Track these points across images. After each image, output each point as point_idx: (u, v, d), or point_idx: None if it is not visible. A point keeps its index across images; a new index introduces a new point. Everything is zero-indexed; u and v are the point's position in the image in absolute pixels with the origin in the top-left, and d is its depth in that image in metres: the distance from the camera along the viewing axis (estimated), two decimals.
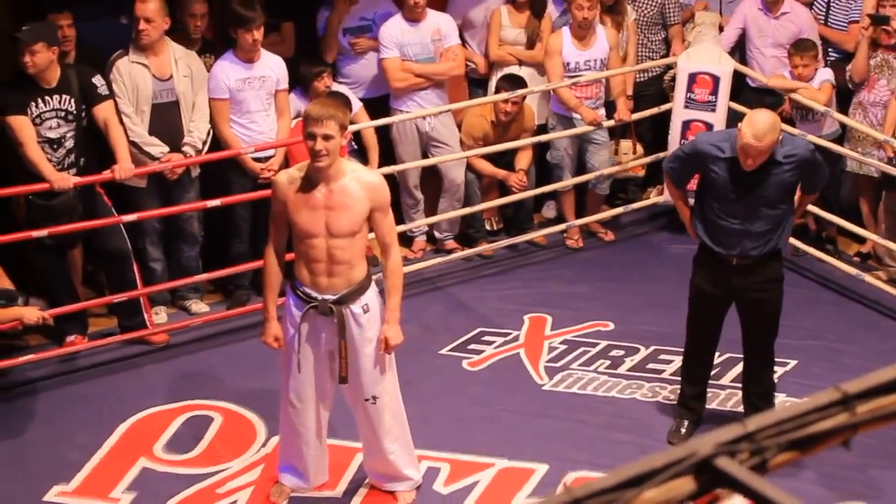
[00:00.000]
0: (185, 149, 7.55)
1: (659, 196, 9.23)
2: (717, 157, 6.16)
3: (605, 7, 8.76)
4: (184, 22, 7.76)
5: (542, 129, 8.88)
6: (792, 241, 7.65)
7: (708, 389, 6.88)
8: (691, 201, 6.55)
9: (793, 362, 7.32)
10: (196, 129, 7.61)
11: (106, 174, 7.21)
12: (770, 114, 6.25)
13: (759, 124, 5.92)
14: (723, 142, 6.21)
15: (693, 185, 6.51)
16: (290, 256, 5.87)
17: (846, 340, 7.71)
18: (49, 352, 7.44)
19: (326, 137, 5.37)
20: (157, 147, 7.48)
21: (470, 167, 8.74)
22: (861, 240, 8.75)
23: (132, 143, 7.37)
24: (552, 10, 8.92)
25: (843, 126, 8.46)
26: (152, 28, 7.34)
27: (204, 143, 7.63)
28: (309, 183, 5.54)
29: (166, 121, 7.54)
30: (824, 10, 8.96)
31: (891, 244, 8.36)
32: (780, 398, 6.76)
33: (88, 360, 7.53)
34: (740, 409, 6.85)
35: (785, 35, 8.75)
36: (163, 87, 7.50)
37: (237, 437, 6.80)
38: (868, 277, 8.33)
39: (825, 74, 8.38)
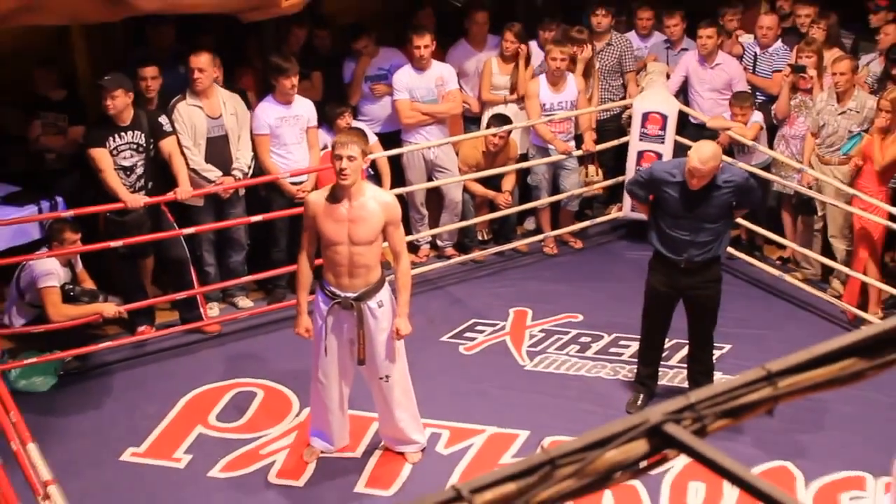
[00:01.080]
0: (233, 173, 7.56)
1: (619, 212, 9.23)
2: (669, 181, 6.19)
3: (576, 60, 8.75)
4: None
5: (524, 157, 8.86)
6: (728, 248, 7.62)
7: (659, 369, 6.88)
8: None
9: (728, 346, 7.31)
10: (242, 157, 7.61)
11: (169, 195, 7.23)
12: (713, 144, 6.32)
13: (704, 152, 6.00)
14: (674, 168, 6.25)
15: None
16: (318, 262, 5.87)
17: (770, 328, 7.71)
18: (123, 339, 7.46)
19: (350, 158, 5.42)
20: (212, 172, 7.49)
21: (465, 188, 8.74)
22: (782, 247, 8.74)
23: (192, 170, 7.38)
24: (537, 57, 8.89)
25: None
26: (205, 76, 7.36)
27: (248, 167, 7.63)
28: (334, 200, 5.56)
29: (218, 151, 7.54)
30: (752, 61, 8.95)
31: (805, 251, 8.39)
32: (717, 375, 6.74)
33: (155, 346, 7.54)
34: (685, 384, 6.84)
35: (719, 82, 8.76)
36: (214, 124, 7.50)
37: (276, 408, 6.79)
38: (788, 277, 8.36)
39: (756, 117, 8.40)
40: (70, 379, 7.09)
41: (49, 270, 6.81)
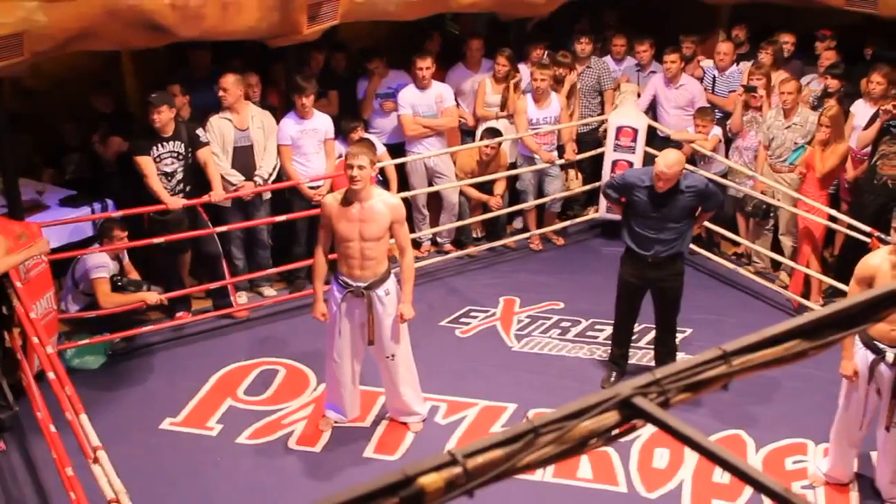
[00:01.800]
0: (254, 179, 7.54)
1: (595, 213, 9.23)
2: (639, 185, 6.20)
3: (561, 79, 8.74)
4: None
5: (513, 165, 8.85)
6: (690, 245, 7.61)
7: (630, 350, 6.88)
8: None
9: (689, 330, 7.31)
10: (264, 165, 7.59)
11: (205, 198, 7.23)
12: (677, 152, 6.36)
13: (669, 158, 6.06)
14: (643, 175, 6.27)
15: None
16: (333, 256, 5.87)
17: (726, 314, 7.70)
18: (164, 324, 7.44)
19: (360, 167, 5.45)
20: (234, 177, 7.48)
21: (462, 192, 8.72)
22: (737, 243, 8.73)
23: None
24: (526, 77, 8.88)
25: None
26: (229, 94, 7.35)
27: (269, 174, 7.61)
28: (347, 203, 5.57)
29: (243, 159, 7.52)
30: (711, 82, 8.94)
31: (757, 247, 8.38)
32: (680, 356, 6.74)
33: (191, 329, 7.52)
34: (653, 363, 6.84)
35: (683, 100, 8.75)
36: (241, 135, 7.48)
37: (296, 384, 6.79)
38: (742, 270, 8.35)
39: (716, 131, 8.40)
40: (117, 358, 7.08)
41: (100, 263, 6.82)
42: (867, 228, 6.98)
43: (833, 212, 7.52)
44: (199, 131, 7.28)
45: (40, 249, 6.24)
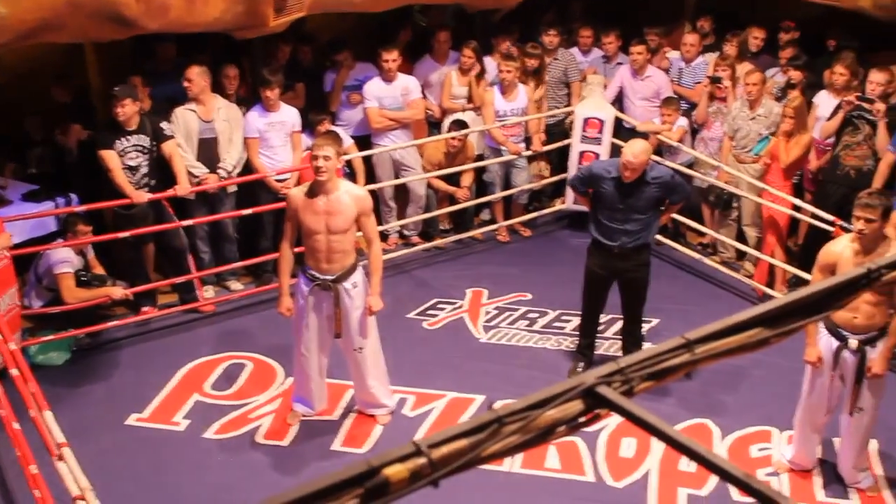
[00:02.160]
0: (218, 171, 7.49)
1: (562, 204, 9.25)
2: (605, 176, 6.23)
3: (532, 71, 8.75)
4: (221, 83, 7.68)
5: (480, 157, 8.85)
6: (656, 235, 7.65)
7: (596, 340, 6.91)
8: None
9: (656, 320, 7.35)
10: (229, 158, 7.53)
11: (170, 192, 7.17)
12: (644, 141, 6.42)
13: (636, 147, 6.11)
14: (610, 166, 6.30)
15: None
16: (300, 249, 5.85)
17: (692, 304, 7.75)
18: (129, 319, 7.38)
19: (326, 158, 5.44)
20: (198, 169, 7.42)
21: (429, 184, 8.72)
22: (702, 234, 8.79)
23: None
24: (492, 70, 8.89)
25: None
26: (193, 85, 7.31)
27: (234, 167, 7.57)
28: (313, 195, 5.55)
29: (207, 151, 7.47)
30: (677, 74, 8.99)
31: (722, 237, 8.44)
32: (647, 345, 6.77)
33: (158, 324, 7.47)
34: (620, 354, 6.87)
35: (649, 91, 8.80)
36: (206, 127, 7.43)
37: (263, 378, 6.76)
38: (707, 260, 8.42)
39: (681, 122, 8.45)
40: (82, 354, 7.02)
41: (64, 258, 6.76)
42: (831, 218, 7.06)
43: (797, 201, 7.59)
44: (164, 124, 7.22)
45: (2, 245, 6.18)
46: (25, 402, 4.91)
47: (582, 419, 1.41)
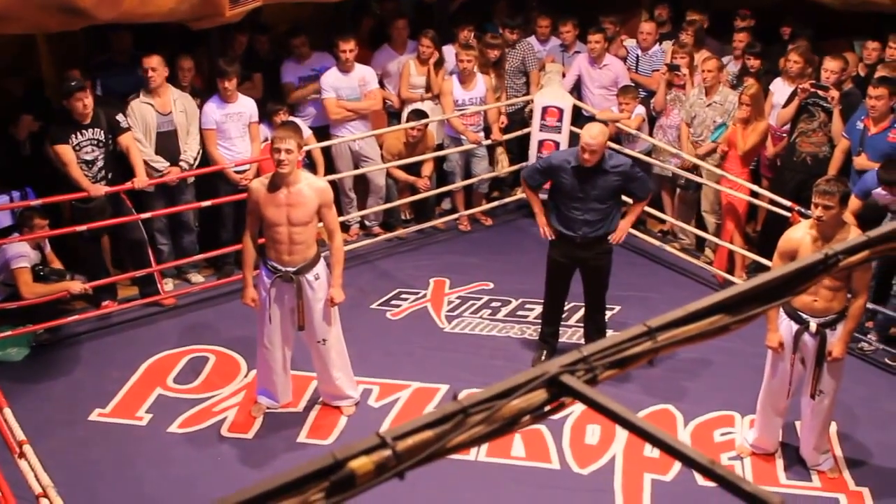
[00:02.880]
0: (180, 164, 7.44)
1: (523, 193, 9.26)
2: (565, 167, 6.25)
3: (492, 63, 8.76)
4: (176, 74, 7.60)
5: (440, 147, 8.85)
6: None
7: (560, 328, 6.94)
8: (543, 197, 6.59)
9: (618, 307, 7.39)
10: (189, 149, 7.50)
11: (127, 185, 7.12)
12: (600, 124, 6.46)
13: (593, 130, 6.19)
14: (569, 156, 6.32)
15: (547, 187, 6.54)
16: (261, 241, 5.82)
17: (654, 291, 7.80)
18: (89, 313, 7.30)
19: (288, 151, 5.42)
20: (160, 163, 7.38)
21: (389, 175, 8.70)
22: (662, 221, 8.85)
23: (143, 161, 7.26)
24: (451, 59, 8.88)
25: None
26: (157, 75, 7.24)
27: (195, 159, 7.52)
28: (274, 187, 5.53)
29: (167, 144, 7.42)
30: (635, 62, 9.04)
31: (682, 224, 8.51)
32: (609, 333, 6.81)
33: (118, 318, 7.40)
34: (583, 341, 6.91)
35: (607, 79, 8.84)
36: (164, 120, 7.38)
37: (226, 371, 6.73)
38: (668, 247, 8.48)
39: (639, 110, 8.51)
40: (41, 350, 6.94)
41: (20, 253, 6.68)
42: (788, 203, 7.13)
43: (755, 187, 7.66)
44: (119, 117, 7.15)
45: None
46: None
47: (547, 408, 1.41)
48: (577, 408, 5.79)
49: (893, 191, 6.49)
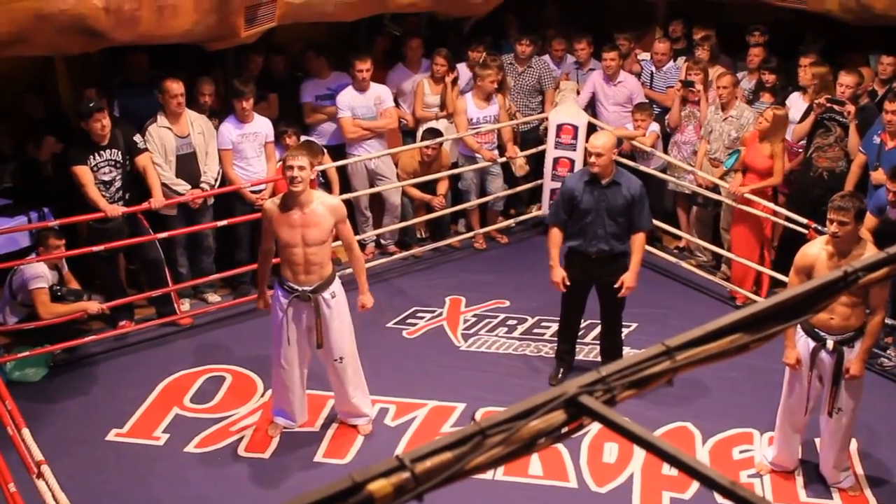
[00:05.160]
0: (202, 185, 7.47)
1: (538, 211, 9.27)
2: (578, 186, 6.23)
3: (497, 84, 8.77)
4: (195, 97, 7.65)
5: (455, 165, 8.87)
6: None
7: (576, 346, 6.91)
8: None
9: (634, 324, 7.37)
10: (209, 170, 7.53)
11: (144, 205, 7.13)
12: (608, 133, 6.51)
13: (599, 136, 6.32)
14: (581, 174, 6.36)
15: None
16: (276, 261, 5.84)
17: (670, 308, 7.77)
18: (106, 333, 7.33)
19: (300, 168, 5.43)
20: (181, 186, 7.40)
21: (404, 193, 8.71)
22: (679, 238, 8.82)
23: (163, 184, 7.28)
24: (464, 78, 8.91)
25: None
26: (182, 100, 7.31)
27: (216, 179, 7.55)
28: (287, 207, 5.55)
29: (187, 166, 7.45)
30: (649, 79, 9.05)
31: (698, 241, 8.49)
32: (626, 350, 6.79)
33: (135, 338, 7.42)
34: (599, 359, 6.89)
35: (621, 97, 8.85)
36: (183, 143, 7.41)
37: (243, 390, 6.73)
38: (684, 264, 8.44)
39: (654, 127, 8.50)
40: (59, 370, 6.97)
41: (38, 273, 6.71)
42: (805, 220, 7.10)
43: (771, 205, 7.62)
44: (137, 137, 7.19)
45: None
46: (3, 420, 4.87)
47: (565, 429, 1.40)
48: (595, 426, 5.76)
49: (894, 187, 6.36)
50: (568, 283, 6.38)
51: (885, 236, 6.30)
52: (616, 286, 6.35)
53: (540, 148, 9.01)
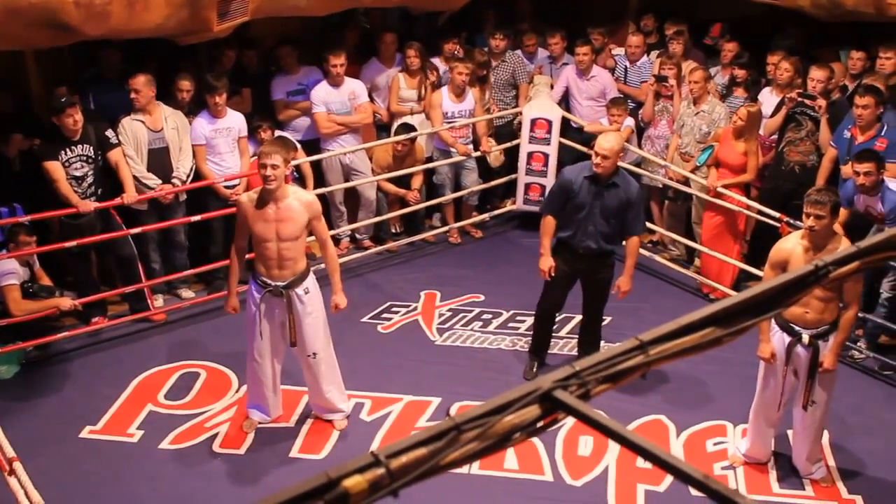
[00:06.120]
0: (173, 180, 7.42)
1: (513, 205, 9.27)
2: (577, 179, 6.22)
3: (478, 78, 8.78)
4: (174, 94, 7.60)
5: (429, 159, 8.86)
6: None
7: (551, 340, 6.93)
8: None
9: (608, 318, 7.36)
10: (181, 166, 7.47)
11: (117, 200, 7.09)
12: (617, 134, 6.55)
13: (608, 136, 6.27)
14: (582, 169, 6.33)
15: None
16: (250, 256, 5.81)
17: (644, 301, 7.76)
18: (79, 330, 7.27)
19: (273, 167, 5.39)
20: (152, 180, 7.34)
21: (379, 188, 8.70)
22: (652, 231, 8.86)
23: (135, 178, 7.23)
24: (441, 70, 8.92)
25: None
26: (141, 96, 7.22)
27: (188, 175, 7.50)
28: (262, 202, 5.53)
29: (159, 161, 7.39)
30: (624, 73, 9.07)
31: (671, 234, 8.52)
32: (602, 344, 6.81)
33: (108, 334, 7.37)
34: (574, 352, 6.93)
35: (595, 91, 8.87)
36: (155, 137, 7.36)
37: (217, 386, 6.70)
38: (658, 257, 8.47)
39: (629, 122, 8.52)
40: (32, 367, 6.91)
41: (9, 270, 6.65)
42: (777, 214, 7.15)
43: (744, 199, 7.67)
44: (109, 132, 7.14)
45: None
46: None
47: (540, 424, 1.41)
48: (570, 420, 5.78)
49: (863, 168, 6.39)
50: (553, 274, 6.39)
51: (854, 228, 6.36)
52: (612, 291, 6.40)
53: (514, 142, 9.02)
